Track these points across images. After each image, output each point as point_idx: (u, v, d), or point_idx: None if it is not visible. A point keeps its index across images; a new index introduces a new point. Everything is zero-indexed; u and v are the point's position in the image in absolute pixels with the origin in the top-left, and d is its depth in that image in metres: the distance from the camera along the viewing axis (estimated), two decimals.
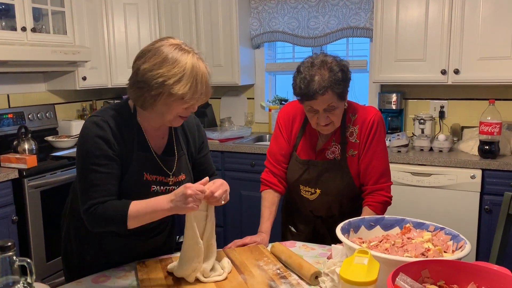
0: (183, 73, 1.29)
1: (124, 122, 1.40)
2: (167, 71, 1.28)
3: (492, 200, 2.61)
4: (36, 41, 2.87)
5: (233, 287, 1.29)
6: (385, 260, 1.12)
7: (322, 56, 1.61)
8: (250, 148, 3.28)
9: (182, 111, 1.36)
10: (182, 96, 1.30)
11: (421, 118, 3.10)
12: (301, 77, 1.58)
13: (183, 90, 1.29)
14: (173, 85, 1.28)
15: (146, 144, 1.44)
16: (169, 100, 1.32)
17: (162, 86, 1.28)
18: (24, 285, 0.90)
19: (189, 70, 1.29)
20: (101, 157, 1.34)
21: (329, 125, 1.64)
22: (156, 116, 1.39)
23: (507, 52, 2.70)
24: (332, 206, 1.78)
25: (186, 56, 1.31)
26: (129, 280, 1.38)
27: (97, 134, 1.34)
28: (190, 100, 1.32)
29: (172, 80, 1.28)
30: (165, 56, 1.29)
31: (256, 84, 3.92)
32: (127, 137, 1.40)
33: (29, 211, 2.64)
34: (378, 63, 3.07)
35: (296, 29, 3.61)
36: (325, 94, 1.55)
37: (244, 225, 3.37)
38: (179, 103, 1.33)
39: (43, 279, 2.72)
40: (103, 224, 1.34)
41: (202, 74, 1.32)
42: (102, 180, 1.34)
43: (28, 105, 3.28)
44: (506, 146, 2.77)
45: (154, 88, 1.29)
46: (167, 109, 1.34)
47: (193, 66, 1.31)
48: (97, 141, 1.34)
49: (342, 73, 1.57)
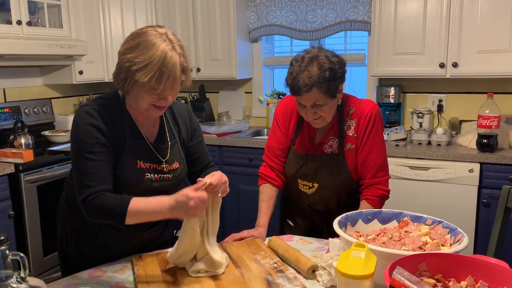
0: (149, 61, 1.26)
1: (115, 110, 1.40)
2: (135, 56, 1.28)
3: (490, 193, 2.60)
4: (31, 34, 2.85)
5: (230, 281, 1.29)
6: (382, 253, 1.12)
7: (316, 51, 1.58)
8: (248, 142, 3.27)
9: (154, 100, 1.33)
10: (143, 84, 1.28)
11: (419, 112, 3.09)
12: (290, 71, 1.58)
13: (143, 79, 1.27)
14: (136, 71, 1.27)
15: (138, 132, 1.44)
16: (137, 87, 1.31)
17: (128, 71, 1.29)
18: (18, 280, 0.89)
19: (156, 59, 1.26)
20: (94, 144, 1.33)
21: (319, 120, 1.63)
22: (134, 103, 1.38)
23: (505, 45, 2.68)
24: (330, 200, 1.77)
25: (160, 44, 1.27)
26: (126, 274, 1.37)
27: (89, 122, 1.34)
28: (156, 90, 1.29)
29: (136, 67, 1.27)
30: (139, 41, 1.29)
31: (254, 78, 3.91)
32: (118, 125, 1.40)
33: (26, 206, 2.64)
34: (376, 57, 3.05)
35: (294, 23, 3.59)
36: (310, 91, 1.54)
37: (241, 219, 3.37)
38: (147, 91, 1.31)
39: (40, 274, 2.71)
40: (101, 216, 1.33)
41: (171, 66, 1.27)
42: (97, 168, 1.33)
43: (24, 100, 3.26)
44: (504, 139, 2.76)
45: (123, 72, 1.31)
46: (138, 96, 1.34)
47: (163, 56, 1.26)
48: (90, 129, 1.34)
49: (330, 71, 1.53)
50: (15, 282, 0.89)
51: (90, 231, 1.49)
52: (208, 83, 3.96)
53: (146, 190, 1.43)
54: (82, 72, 3.28)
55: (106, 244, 1.50)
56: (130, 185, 1.38)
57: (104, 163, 1.35)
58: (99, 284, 1.30)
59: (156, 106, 1.36)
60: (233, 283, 1.27)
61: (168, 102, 1.37)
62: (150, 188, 1.44)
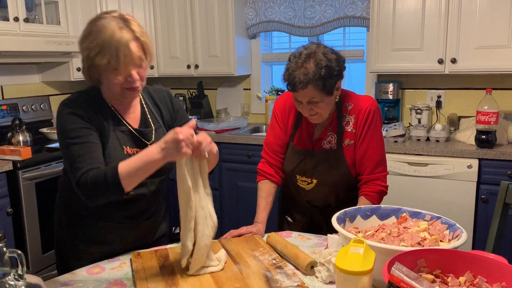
0: (102, 44, 1.30)
1: (95, 102, 1.43)
2: (89, 43, 1.32)
3: (489, 189, 2.61)
4: (29, 31, 2.84)
5: (229, 277, 1.28)
6: (380, 249, 1.12)
7: (315, 47, 1.57)
8: (247, 139, 3.27)
9: (123, 82, 1.36)
10: (105, 68, 1.32)
11: (418, 108, 3.09)
12: (287, 67, 1.57)
13: (102, 62, 1.31)
14: (94, 57, 1.32)
15: (120, 119, 1.46)
16: (101, 72, 1.34)
17: (88, 59, 1.34)
18: (15, 277, 0.89)
19: (107, 41, 1.30)
20: (78, 129, 1.35)
21: (316, 116, 1.63)
22: (108, 91, 1.42)
23: (504, 41, 2.68)
24: (329, 196, 1.77)
25: (110, 26, 1.31)
26: (124, 271, 1.37)
27: (69, 111, 1.37)
28: (118, 70, 1.33)
29: (93, 53, 1.32)
30: (91, 28, 1.33)
31: (252, 75, 3.90)
32: (100, 115, 1.42)
33: (24, 203, 2.63)
34: (374, 53, 3.05)
35: (292, 19, 3.58)
36: (305, 88, 1.53)
37: (240, 216, 3.37)
38: (112, 74, 1.34)
39: (39, 271, 2.71)
40: (98, 192, 1.29)
41: (124, 43, 1.30)
42: (84, 150, 1.33)
43: (22, 97, 3.25)
44: (503, 135, 2.76)
45: (85, 61, 1.36)
46: (107, 82, 1.37)
47: (113, 35, 1.30)
48: (71, 117, 1.37)
49: (326, 69, 1.52)
50: (13, 280, 0.89)
51: (86, 226, 1.50)
52: (207, 80, 3.95)
53: None
54: (80, 69, 3.25)
55: (104, 238, 1.50)
56: None
57: (90, 145, 1.35)
58: (98, 281, 1.30)
59: (128, 88, 1.38)
60: (232, 280, 1.27)
61: (137, 81, 1.37)
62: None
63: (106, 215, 1.49)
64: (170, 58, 3.76)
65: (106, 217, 1.48)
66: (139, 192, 1.45)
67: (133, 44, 1.32)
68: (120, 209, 1.48)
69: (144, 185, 1.46)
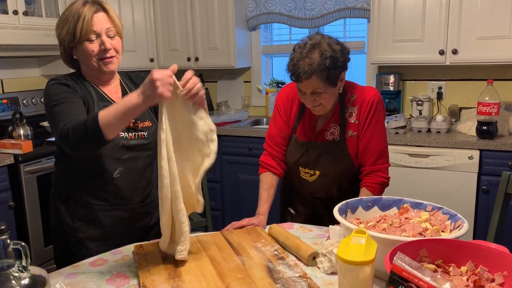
0: (65, 21, 1.44)
1: (79, 81, 1.51)
2: (58, 25, 1.47)
3: (490, 180, 2.61)
4: (28, 24, 2.82)
5: (231, 268, 1.29)
6: (382, 239, 1.12)
7: (319, 37, 1.57)
8: (248, 131, 3.26)
9: (97, 52, 1.45)
10: (69, 40, 1.44)
11: (419, 100, 3.08)
12: (292, 57, 1.57)
13: (63, 33, 1.45)
14: (60, 34, 1.47)
15: (103, 95, 1.54)
16: (74, 48, 1.46)
17: (59, 38, 1.48)
18: (19, 269, 0.90)
19: (70, 16, 1.43)
20: (62, 93, 1.42)
21: (319, 107, 1.63)
22: (88, 69, 1.51)
23: (505, 31, 2.67)
24: (331, 187, 1.77)
25: (74, 5, 1.45)
26: (127, 263, 1.37)
27: (56, 82, 1.45)
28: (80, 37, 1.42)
29: (60, 30, 1.46)
30: (61, 15, 1.48)
31: (253, 67, 3.89)
32: (85, 91, 1.50)
33: (26, 196, 2.64)
34: (375, 44, 3.03)
35: (292, 10, 3.56)
36: (309, 79, 1.53)
37: (242, 208, 3.38)
38: (82, 45, 1.44)
39: (41, 264, 2.73)
40: (80, 140, 1.28)
41: (84, 13, 1.43)
42: (67, 108, 1.38)
43: (22, 90, 3.24)
44: (504, 126, 2.76)
45: (60, 44, 1.50)
46: (83, 57, 1.47)
47: (75, 10, 1.43)
48: (56, 85, 1.44)
49: (331, 60, 1.52)
50: (17, 271, 0.89)
51: (83, 208, 1.54)
52: (207, 73, 3.94)
53: (124, 149, 1.51)
54: None
55: (102, 224, 1.55)
56: (107, 146, 1.38)
57: (74, 105, 1.40)
58: (101, 273, 1.30)
59: (103, 59, 1.46)
60: (234, 271, 1.27)
61: (110, 50, 1.46)
62: (127, 147, 1.52)
63: (99, 196, 1.53)
64: (170, 51, 3.74)
65: (99, 198, 1.53)
66: (120, 169, 1.51)
67: (96, 16, 1.44)
68: (112, 189, 1.53)
69: (132, 160, 1.53)
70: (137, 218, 1.62)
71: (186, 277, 1.24)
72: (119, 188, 1.54)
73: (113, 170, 1.51)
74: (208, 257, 1.37)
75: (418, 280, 0.83)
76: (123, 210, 1.57)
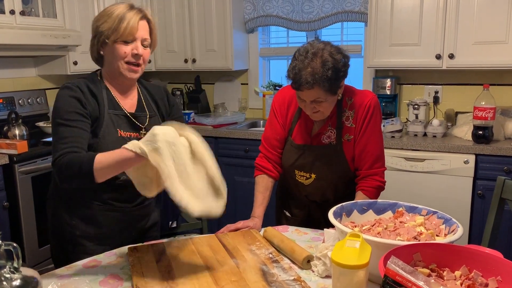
0: (108, 17, 1.46)
1: (94, 86, 1.51)
2: (98, 18, 1.49)
3: (485, 185, 2.61)
4: (25, 24, 2.81)
5: (225, 271, 1.29)
6: (377, 243, 1.12)
7: (321, 45, 1.56)
8: (244, 133, 3.26)
9: (127, 54, 1.46)
10: (107, 35, 1.44)
11: (415, 104, 3.09)
12: (293, 65, 1.56)
13: (103, 27, 1.45)
14: (99, 25, 1.47)
15: (116, 103, 1.54)
16: (106, 44, 1.46)
17: (96, 31, 1.48)
18: (11, 270, 0.89)
19: (114, 15, 1.45)
20: (72, 113, 1.41)
21: (318, 113, 1.63)
22: (110, 70, 1.51)
23: (502, 36, 2.68)
24: (327, 190, 1.77)
25: (119, 7, 1.47)
26: (120, 265, 1.37)
27: (69, 94, 1.45)
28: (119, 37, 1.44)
29: (100, 22, 1.47)
30: (104, 10, 1.49)
31: (250, 69, 3.89)
32: (98, 98, 1.49)
33: (20, 197, 2.62)
34: (372, 48, 3.04)
35: (290, 13, 3.56)
36: (311, 89, 1.53)
37: (237, 210, 3.37)
38: (115, 45, 1.45)
39: (35, 265, 2.71)
40: (70, 176, 1.31)
41: (129, 17, 1.45)
42: (71, 133, 1.38)
43: (18, 90, 3.23)
44: (500, 131, 2.77)
45: (93, 36, 1.49)
46: (111, 56, 1.47)
47: (120, 12, 1.45)
48: (69, 99, 1.43)
49: (333, 71, 1.52)
50: (8, 272, 0.89)
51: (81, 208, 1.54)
52: (204, 74, 3.94)
53: None
54: (76, 62, 3.25)
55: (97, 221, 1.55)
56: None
57: (79, 131, 1.40)
58: (94, 275, 1.30)
59: (131, 63, 1.47)
60: (228, 273, 1.27)
61: (140, 57, 1.47)
62: None
63: (99, 197, 1.53)
64: (167, 52, 3.74)
65: (100, 199, 1.53)
66: (124, 177, 1.48)
67: (140, 22, 1.47)
68: (112, 191, 1.53)
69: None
70: (134, 220, 1.61)
71: (179, 280, 1.24)
72: (118, 193, 1.54)
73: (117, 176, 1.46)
74: (202, 259, 1.37)
75: (411, 285, 0.83)
76: (121, 211, 1.57)
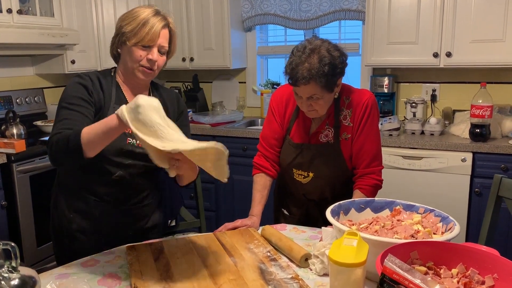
0: (134, 18, 1.47)
1: (105, 80, 1.53)
2: (125, 18, 1.49)
3: (482, 183, 2.62)
4: (22, 23, 2.81)
5: (223, 270, 1.29)
6: (374, 242, 1.12)
7: (319, 42, 1.57)
8: (242, 132, 3.26)
9: (143, 58, 1.46)
10: (128, 36, 1.45)
11: (413, 102, 3.09)
12: (291, 61, 1.57)
13: (126, 28, 1.46)
14: (123, 26, 1.48)
15: (123, 98, 1.54)
16: (125, 45, 1.47)
17: (119, 29, 1.49)
18: (9, 269, 0.89)
19: (140, 18, 1.46)
20: (76, 97, 1.43)
21: (313, 112, 1.63)
22: (124, 69, 1.53)
23: (499, 35, 2.69)
24: (325, 189, 1.77)
25: (146, 11, 1.48)
26: (119, 263, 1.37)
27: (78, 81, 1.48)
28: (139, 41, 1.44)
29: (124, 23, 1.48)
30: (130, 11, 1.50)
31: (248, 68, 3.89)
32: (106, 90, 1.51)
33: (18, 196, 2.62)
34: (370, 46, 3.04)
35: (288, 12, 3.56)
36: (308, 84, 1.53)
37: (236, 209, 3.37)
38: (133, 46, 1.45)
39: (34, 264, 2.71)
40: (60, 153, 1.31)
41: (153, 23, 1.46)
42: (70, 116, 1.39)
43: (16, 89, 3.22)
44: (497, 129, 2.78)
45: (116, 33, 1.51)
46: (127, 57, 1.48)
47: (146, 15, 1.46)
48: (76, 86, 1.47)
49: (329, 66, 1.52)
50: (6, 272, 0.89)
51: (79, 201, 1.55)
52: (202, 73, 3.94)
53: (128, 155, 1.51)
54: (74, 61, 3.24)
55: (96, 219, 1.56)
56: (112, 148, 1.44)
57: (80, 115, 1.40)
58: (92, 274, 1.30)
59: (144, 66, 1.48)
60: (226, 272, 1.27)
61: (155, 62, 1.47)
62: (132, 153, 1.51)
63: (95, 192, 1.54)
64: None
65: (96, 194, 1.54)
66: (119, 173, 1.51)
67: (163, 31, 1.48)
68: (108, 187, 1.53)
69: (133, 166, 1.53)
70: (132, 219, 1.61)
71: (177, 278, 1.24)
72: (115, 189, 1.54)
73: (113, 172, 1.51)
74: (201, 258, 1.37)
75: (408, 283, 0.84)
76: (118, 209, 1.57)
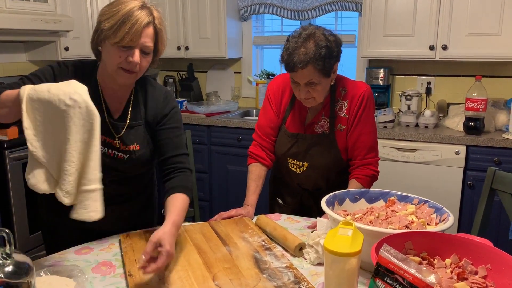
0: (115, 13, 1.29)
1: (85, 75, 1.41)
2: (105, 11, 1.33)
3: (475, 176, 2.64)
4: (15, 8, 2.77)
5: (218, 258, 1.29)
6: (369, 231, 1.13)
7: (313, 28, 1.57)
8: (237, 122, 3.26)
9: (121, 61, 1.31)
10: (107, 35, 1.29)
11: (408, 94, 3.10)
12: (287, 47, 1.56)
13: (105, 26, 1.29)
14: (103, 22, 1.31)
15: (99, 101, 1.41)
16: (104, 42, 1.32)
17: (98, 23, 1.33)
18: (3, 256, 0.88)
19: (121, 12, 1.29)
20: (34, 74, 1.37)
21: (311, 99, 1.63)
22: (104, 68, 1.39)
23: (495, 28, 2.69)
24: (319, 179, 1.78)
25: (130, 4, 1.30)
26: (113, 251, 1.37)
27: (50, 65, 1.41)
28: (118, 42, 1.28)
29: (104, 17, 1.32)
30: (112, 2, 1.33)
31: (243, 58, 3.87)
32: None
33: (11, 183, 2.60)
34: (366, 38, 3.04)
35: (284, 2, 3.54)
36: (305, 68, 1.52)
37: (230, 199, 3.38)
38: (113, 47, 1.30)
39: (26, 251, 2.70)
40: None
41: (135, 19, 1.28)
42: (13, 84, 1.29)
43: (8, 76, 3.18)
44: (491, 122, 2.79)
45: (95, 31, 1.35)
46: (107, 55, 1.34)
47: (129, 11, 1.29)
48: (44, 67, 1.40)
49: (326, 49, 1.52)
50: (1, 258, 0.88)
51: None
52: (197, 62, 3.92)
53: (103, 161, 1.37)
54: (67, 48, 3.21)
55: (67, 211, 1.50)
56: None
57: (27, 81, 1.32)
58: (86, 261, 1.30)
59: (124, 69, 1.33)
60: (221, 261, 1.28)
61: (135, 65, 1.32)
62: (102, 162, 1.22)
63: None
64: None
65: None
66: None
67: (146, 29, 1.30)
68: None
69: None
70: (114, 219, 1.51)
71: (172, 267, 1.24)
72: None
73: None
74: (195, 246, 1.37)
75: (403, 272, 0.84)
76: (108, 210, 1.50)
